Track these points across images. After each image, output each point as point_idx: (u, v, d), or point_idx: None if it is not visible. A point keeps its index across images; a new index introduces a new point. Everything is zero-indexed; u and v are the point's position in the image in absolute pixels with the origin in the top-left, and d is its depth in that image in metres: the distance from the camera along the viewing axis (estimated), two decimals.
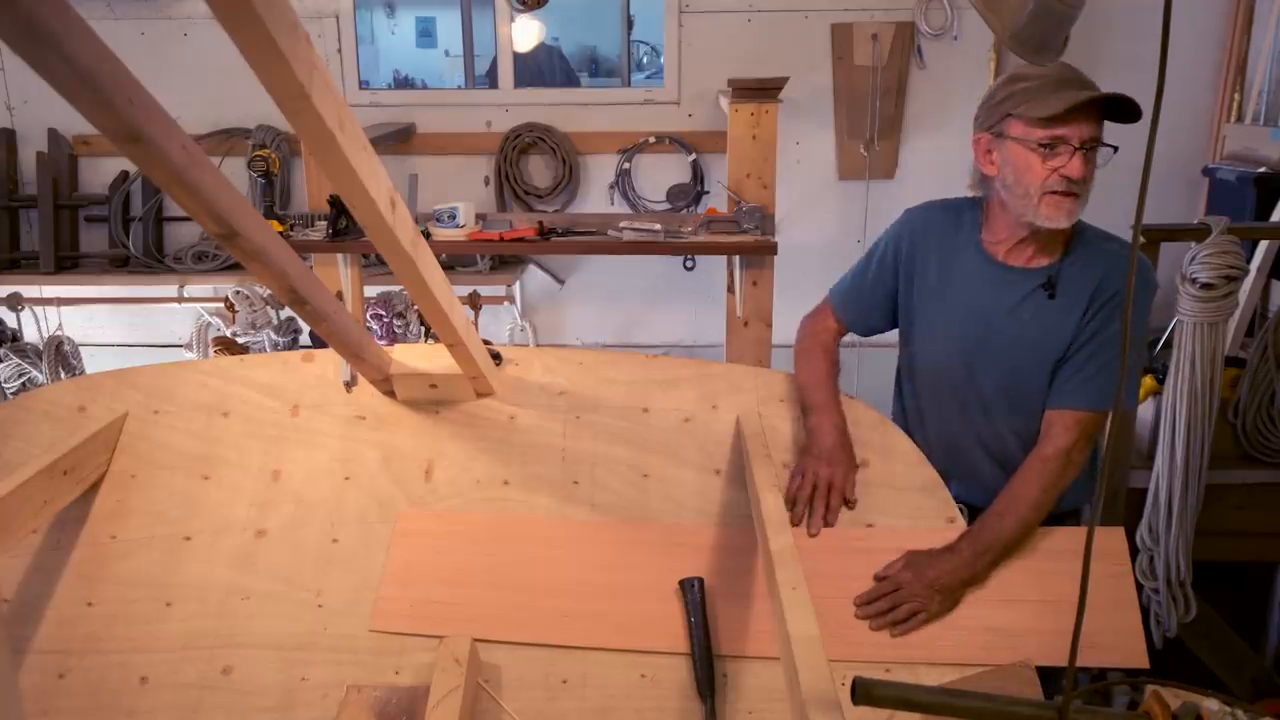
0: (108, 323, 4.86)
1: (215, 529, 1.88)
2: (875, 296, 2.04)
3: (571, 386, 2.04)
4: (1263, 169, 3.68)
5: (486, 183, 4.65)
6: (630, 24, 5.78)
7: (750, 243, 3.42)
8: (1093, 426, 1.81)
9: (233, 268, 4.50)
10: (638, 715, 1.63)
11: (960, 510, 1.90)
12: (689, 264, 4.55)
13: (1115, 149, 1.79)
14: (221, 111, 4.52)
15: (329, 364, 2.07)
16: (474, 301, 3.84)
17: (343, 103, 1.09)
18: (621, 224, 3.56)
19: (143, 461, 1.95)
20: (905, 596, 1.71)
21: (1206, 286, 2.37)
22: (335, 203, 3.40)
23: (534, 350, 2.19)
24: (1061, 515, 1.89)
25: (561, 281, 4.81)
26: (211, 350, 4.32)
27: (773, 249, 3.40)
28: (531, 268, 4.73)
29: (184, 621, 1.76)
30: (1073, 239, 1.85)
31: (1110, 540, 1.81)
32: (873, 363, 3.64)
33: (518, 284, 4.73)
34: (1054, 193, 1.76)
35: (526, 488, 1.92)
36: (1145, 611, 2.52)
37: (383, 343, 2.57)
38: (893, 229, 2.03)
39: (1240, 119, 4.23)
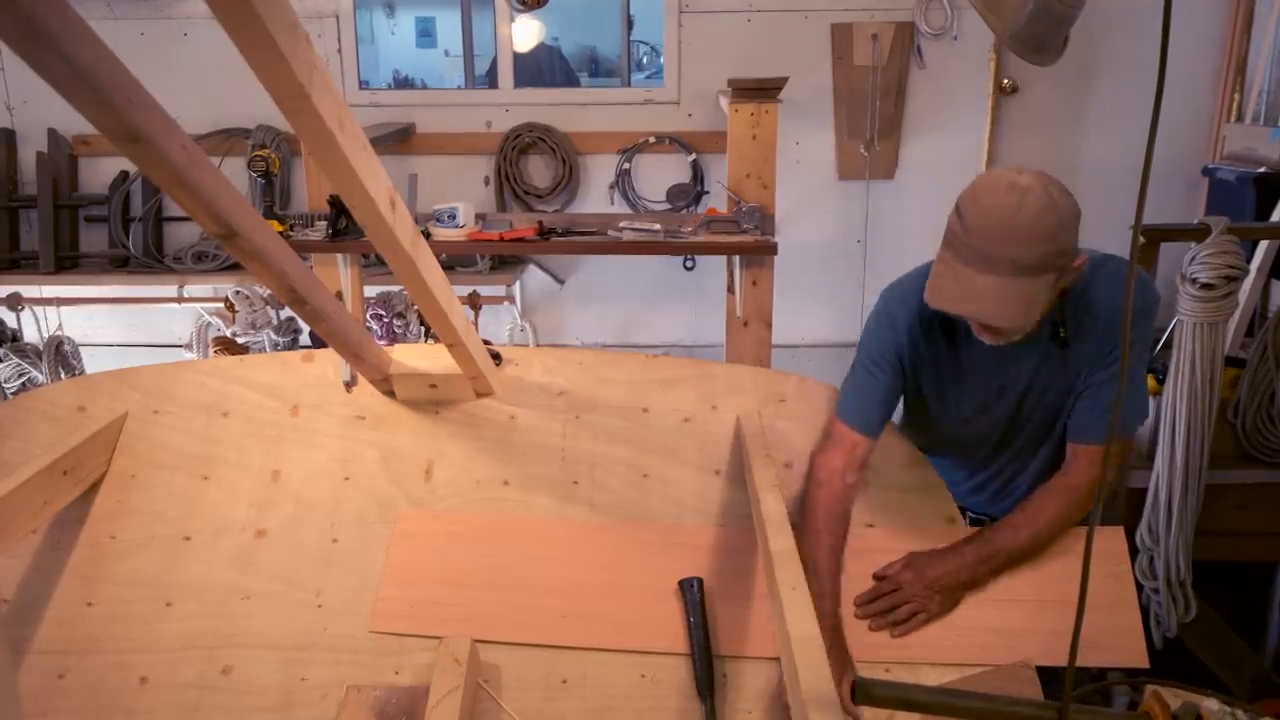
0: (108, 323, 4.86)
1: (215, 529, 1.88)
2: (887, 394, 1.85)
3: (571, 386, 2.04)
4: (1263, 169, 3.67)
5: (486, 183, 4.65)
6: (630, 24, 5.78)
7: (750, 243, 3.42)
8: (1115, 456, 1.77)
9: (233, 268, 4.50)
10: (637, 715, 1.63)
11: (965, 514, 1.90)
12: (689, 264, 4.55)
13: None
14: (221, 111, 4.52)
15: (329, 364, 2.07)
16: (474, 301, 3.83)
17: (342, 103, 1.09)
18: (621, 224, 3.56)
19: (142, 461, 1.95)
20: (905, 597, 1.71)
21: (1206, 286, 2.37)
22: (335, 203, 3.40)
23: (534, 350, 2.19)
24: None
25: (561, 281, 4.81)
26: (211, 350, 4.32)
27: (772, 249, 3.40)
28: (531, 268, 4.73)
29: (183, 621, 1.76)
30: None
31: (1110, 540, 1.81)
32: None
33: (517, 284, 4.73)
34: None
35: (526, 488, 1.92)
36: (1145, 611, 2.52)
37: (383, 343, 2.57)
38: (882, 323, 1.83)
39: (1240, 119, 4.23)
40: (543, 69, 5.86)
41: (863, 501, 1.87)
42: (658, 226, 3.52)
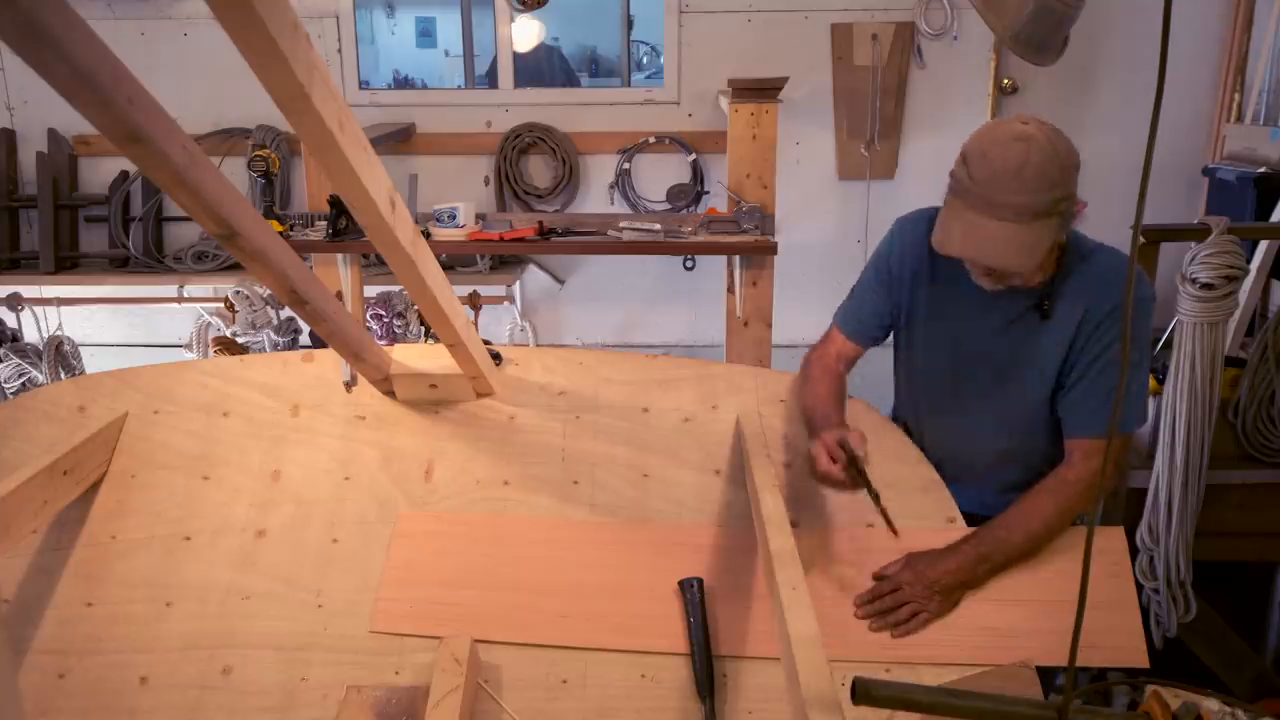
0: (108, 323, 4.86)
1: (215, 529, 1.88)
2: (875, 308, 1.96)
3: (571, 386, 2.04)
4: (1263, 169, 3.67)
5: (486, 183, 4.65)
6: (630, 24, 5.78)
7: (750, 243, 3.42)
8: (1116, 451, 1.77)
9: (233, 268, 4.50)
10: (638, 715, 1.63)
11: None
12: (689, 264, 4.55)
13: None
14: (221, 111, 4.52)
15: (329, 364, 2.07)
16: (474, 301, 3.84)
17: (343, 103, 1.09)
18: (621, 224, 3.56)
19: (143, 461, 1.95)
20: (905, 597, 1.71)
21: (1206, 286, 2.37)
22: (335, 203, 3.40)
23: (534, 350, 2.19)
24: None
25: (561, 281, 4.81)
26: (211, 350, 4.32)
27: (772, 249, 3.41)
28: (531, 268, 4.73)
29: (184, 621, 1.76)
30: (1065, 254, 1.76)
31: (1110, 540, 1.81)
32: (873, 362, 3.63)
33: (518, 284, 4.73)
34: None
35: (526, 488, 1.92)
36: (1145, 611, 2.52)
37: (383, 343, 2.57)
38: (885, 241, 1.96)
39: (1240, 119, 4.23)
40: (543, 69, 5.86)
41: (863, 501, 1.87)
42: (658, 226, 3.52)
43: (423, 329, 3.96)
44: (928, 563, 1.73)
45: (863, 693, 1.09)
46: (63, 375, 4.02)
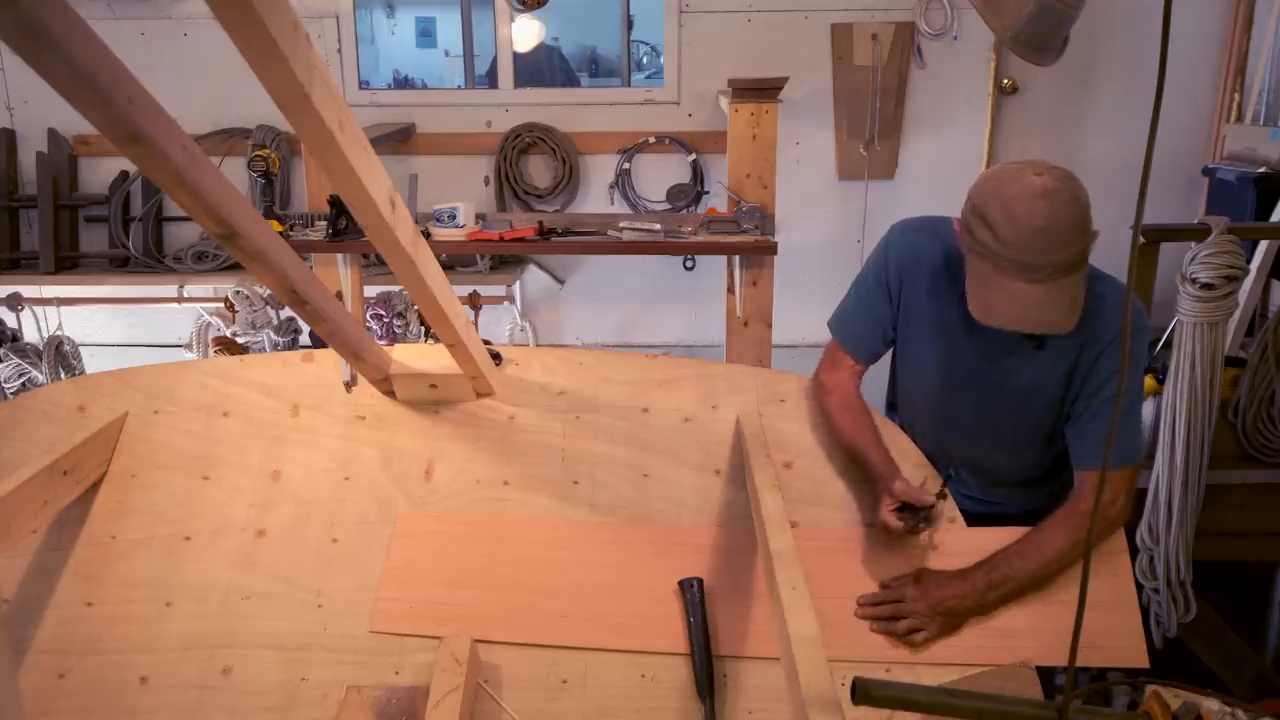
0: (108, 323, 4.86)
1: (215, 529, 1.88)
2: (877, 316, 1.92)
3: (571, 386, 2.04)
4: (1263, 169, 3.68)
5: (486, 183, 4.65)
6: (630, 24, 5.78)
7: (750, 243, 3.42)
8: (1125, 482, 1.76)
9: (233, 268, 4.50)
10: (637, 715, 1.63)
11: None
12: (689, 264, 4.55)
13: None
14: (221, 111, 4.52)
15: (329, 364, 2.07)
16: (474, 301, 3.84)
17: (343, 103, 1.09)
18: (621, 224, 3.56)
19: (143, 461, 1.95)
20: (907, 611, 1.70)
21: (1206, 286, 2.36)
22: (335, 203, 3.40)
23: (534, 350, 2.19)
24: (1042, 514, 1.83)
25: (561, 281, 4.81)
26: (211, 350, 4.31)
27: (772, 249, 3.41)
28: (531, 268, 4.73)
29: (184, 621, 1.76)
30: None
31: (1110, 540, 1.81)
32: None
33: (518, 284, 4.73)
34: None
35: (526, 488, 1.92)
36: (1145, 611, 2.52)
37: (383, 343, 2.57)
38: (879, 252, 1.91)
39: (1240, 119, 4.23)
40: (543, 69, 5.86)
41: (863, 502, 1.87)
42: (658, 226, 3.52)
43: (423, 329, 3.96)
44: (936, 583, 1.71)
45: (863, 693, 1.10)
46: (63, 375, 4.02)
